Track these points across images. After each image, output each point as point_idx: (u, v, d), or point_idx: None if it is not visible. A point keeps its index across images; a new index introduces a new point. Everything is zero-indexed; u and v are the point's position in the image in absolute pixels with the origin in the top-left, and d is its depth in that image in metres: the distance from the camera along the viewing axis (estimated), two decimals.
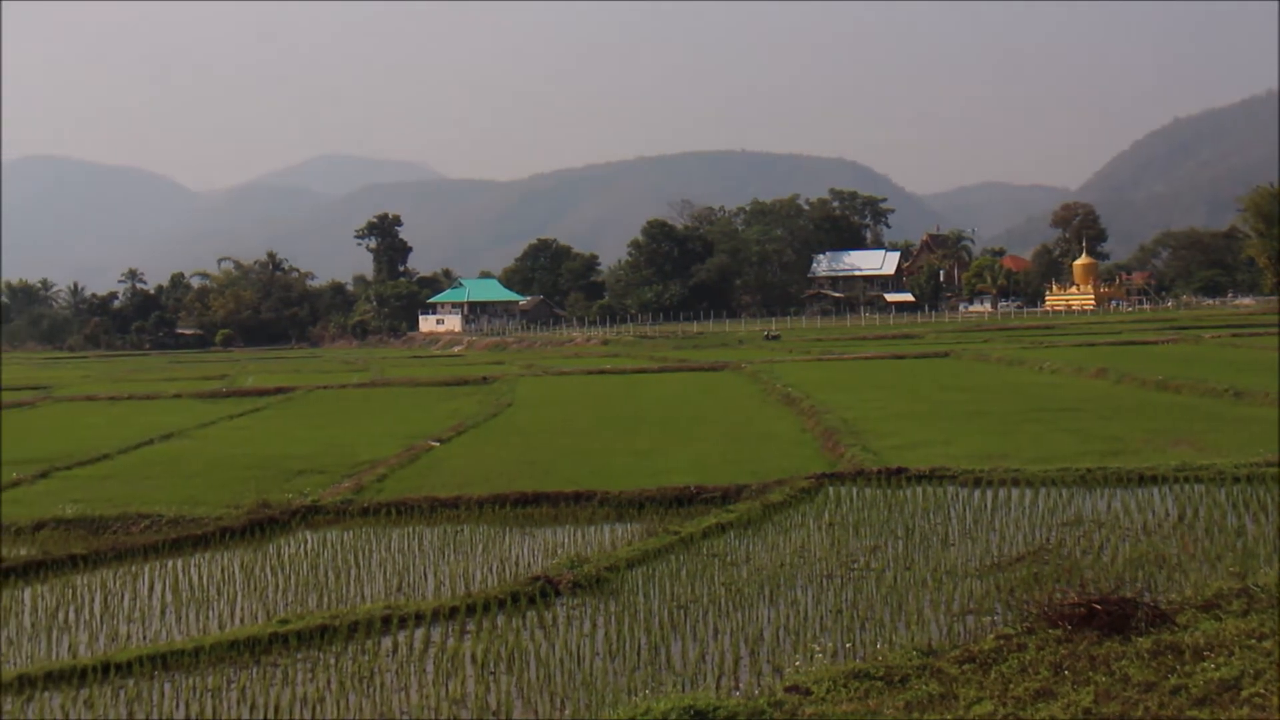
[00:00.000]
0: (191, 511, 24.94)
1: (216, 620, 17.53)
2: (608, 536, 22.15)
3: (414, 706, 13.23)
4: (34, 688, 14.09)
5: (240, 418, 47.15)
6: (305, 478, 29.23)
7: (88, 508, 25.71)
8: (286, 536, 23.40)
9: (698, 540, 20.68)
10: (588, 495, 25.26)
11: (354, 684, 14.00)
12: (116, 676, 14.45)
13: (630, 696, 12.93)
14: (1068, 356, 59.24)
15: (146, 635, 16.85)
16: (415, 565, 20.57)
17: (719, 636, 15.40)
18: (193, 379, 78.66)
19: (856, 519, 22.27)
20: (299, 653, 15.23)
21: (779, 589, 17.50)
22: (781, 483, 25.08)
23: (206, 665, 14.82)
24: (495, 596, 17.11)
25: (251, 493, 26.54)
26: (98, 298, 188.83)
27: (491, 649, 14.97)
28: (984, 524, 21.56)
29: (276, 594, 18.89)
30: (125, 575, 20.50)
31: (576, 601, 17.13)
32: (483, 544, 22.07)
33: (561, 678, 13.98)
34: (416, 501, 25.47)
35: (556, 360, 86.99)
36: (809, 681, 12.68)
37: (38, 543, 23.36)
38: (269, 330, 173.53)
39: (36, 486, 29.75)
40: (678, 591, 17.54)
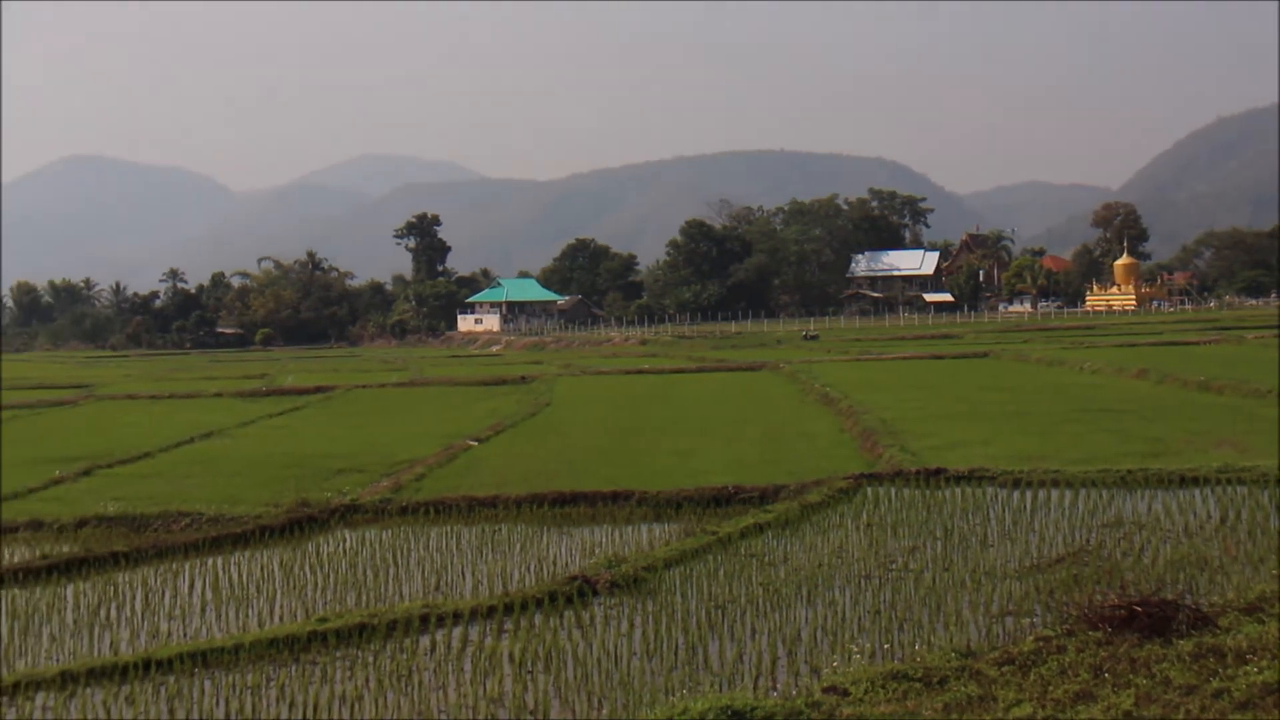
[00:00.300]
0: (231, 510, 25.06)
1: (256, 618, 17.61)
2: (645, 536, 22.14)
3: (452, 705, 13.26)
4: (76, 684, 14.19)
5: (280, 417, 47.36)
6: (344, 477, 29.33)
7: (129, 505, 25.87)
8: (325, 535, 23.49)
9: (735, 540, 20.65)
10: (625, 495, 25.25)
11: (392, 682, 14.04)
12: (157, 673, 14.53)
13: (667, 696, 12.92)
14: (1108, 357, 58.88)
15: (187, 632, 16.94)
16: (453, 564, 20.61)
17: (756, 636, 15.37)
18: (233, 378, 79.07)
19: (895, 520, 22.19)
20: (338, 651, 15.28)
21: (817, 589, 17.46)
22: (819, 483, 25.02)
23: (246, 663, 14.88)
24: (533, 596, 17.13)
25: (291, 491, 26.66)
26: (139, 297, 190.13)
27: (529, 648, 14.98)
28: (1023, 525, 21.45)
29: (315, 592, 18.96)
30: (166, 573, 20.63)
31: (614, 601, 17.13)
32: (520, 543, 22.09)
33: (599, 677, 13.98)
34: (454, 501, 25.52)
35: (594, 360, 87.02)
36: (847, 682, 12.65)
37: (80, 540, 23.52)
38: (308, 329, 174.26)
39: (79, 484, 29.96)
40: (715, 591, 17.52)
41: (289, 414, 48.58)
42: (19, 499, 27.86)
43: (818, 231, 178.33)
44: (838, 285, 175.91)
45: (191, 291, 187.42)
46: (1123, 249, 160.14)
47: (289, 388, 63.97)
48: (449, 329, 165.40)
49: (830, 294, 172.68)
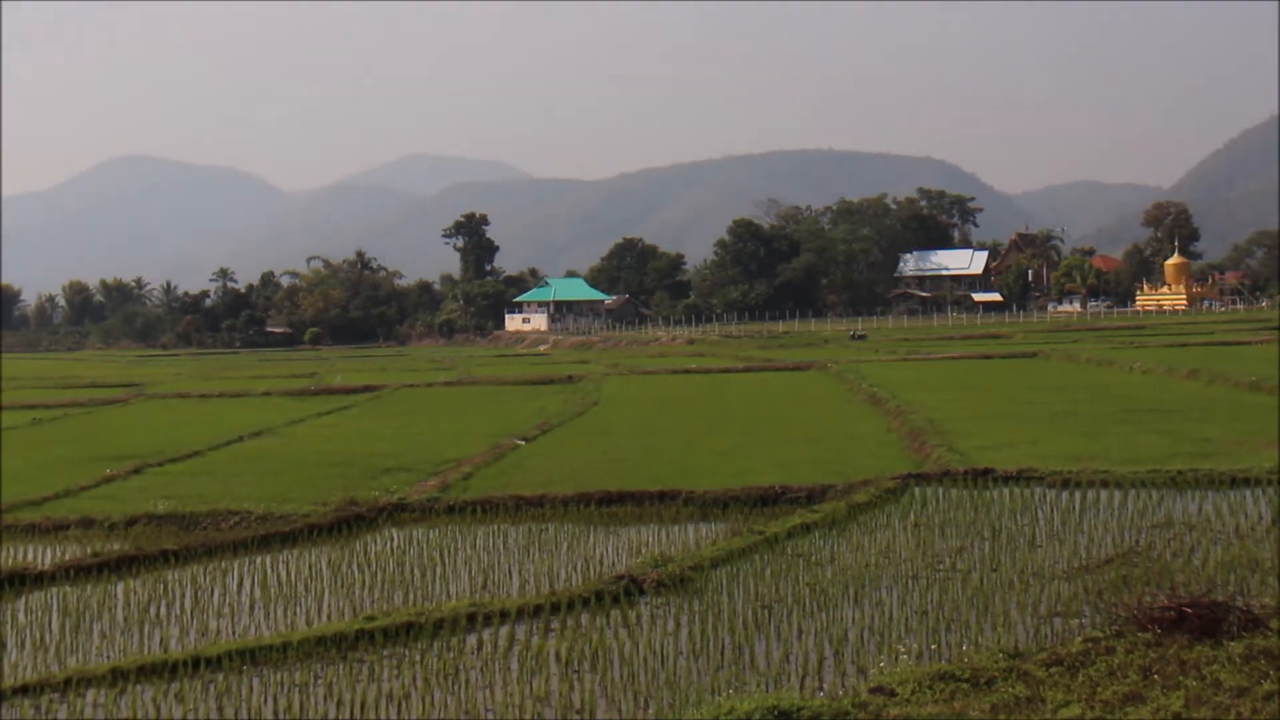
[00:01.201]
0: (280, 508, 25.20)
1: (304, 616, 17.70)
2: (692, 536, 22.13)
3: (498, 704, 13.28)
4: (127, 681, 14.30)
5: (328, 415, 47.61)
6: (392, 475, 29.45)
7: (179, 504, 26.07)
8: (373, 534, 23.60)
9: (782, 540, 20.61)
10: (672, 494, 25.25)
11: (439, 681, 14.08)
12: (206, 671, 14.63)
13: (714, 696, 12.91)
14: (1159, 357, 58.40)
15: (235, 630, 17.05)
16: (500, 563, 20.66)
17: (803, 637, 15.33)
18: (282, 377, 79.55)
19: (942, 520, 22.09)
20: (385, 649, 15.34)
21: (864, 589, 17.40)
22: (867, 483, 24.94)
23: (294, 661, 14.96)
24: (579, 595, 17.14)
25: (339, 490, 26.80)
26: (190, 296, 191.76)
27: (575, 647, 15.00)
28: (1072, 526, 21.31)
29: (363, 591, 19.04)
30: (215, 571, 20.77)
31: (660, 600, 17.12)
32: (567, 542, 22.12)
33: (645, 677, 13.97)
34: (501, 500, 25.58)
35: (642, 359, 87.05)
36: (894, 683, 12.60)
37: (131, 538, 23.71)
38: (357, 329, 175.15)
39: (130, 482, 30.22)
40: (762, 591, 17.49)
41: (337, 413, 48.83)
42: (70, 497, 28.14)
43: (866, 231, 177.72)
44: (885, 285, 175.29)
45: (241, 291, 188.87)
46: (1174, 248, 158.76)
47: (337, 387, 64.31)
48: (496, 328, 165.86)
49: (878, 294, 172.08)
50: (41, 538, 24.12)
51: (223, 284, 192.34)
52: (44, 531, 24.48)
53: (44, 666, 15.57)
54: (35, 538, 24.14)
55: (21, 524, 24.96)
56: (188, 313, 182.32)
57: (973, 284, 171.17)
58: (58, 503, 27.36)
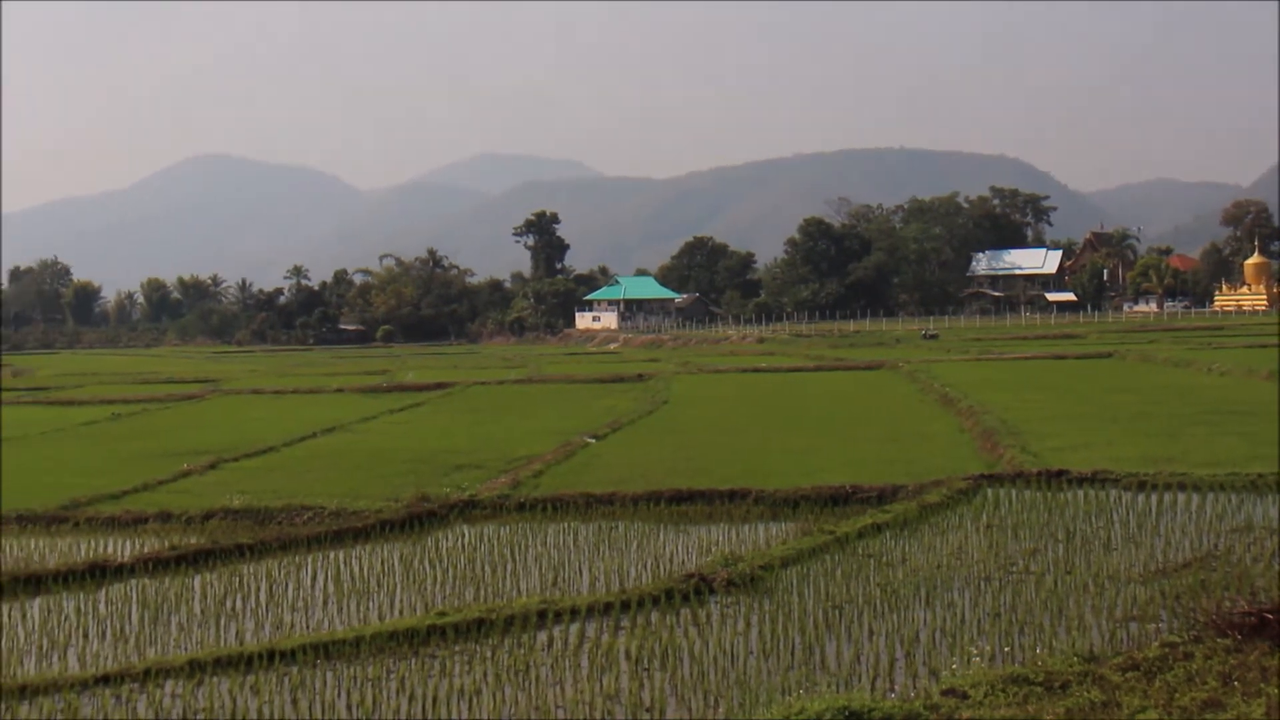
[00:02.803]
0: (353, 504, 25.40)
1: (376, 611, 17.83)
2: (762, 535, 22.09)
3: (568, 701, 13.32)
4: (203, 672, 14.47)
5: (400, 412, 47.93)
6: (463, 472, 29.61)
7: (254, 499, 26.34)
8: (444, 530, 23.73)
9: (853, 540, 20.53)
10: (742, 493, 25.21)
11: (510, 677, 14.14)
12: (281, 664, 14.77)
13: (784, 696, 12.87)
14: (1238, 358, 57.57)
15: (309, 624, 17.21)
16: (570, 560, 20.72)
17: (874, 637, 15.26)
18: (354, 374, 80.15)
19: (1015, 521, 21.92)
20: (456, 645, 15.42)
21: (935, 591, 17.30)
22: (938, 483, 24.79)
23: (367, 655, 15.07)
24: (649, 593, 17.16)
25: (411, 487, 26.97)
26: (264, 293, 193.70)
27: (645, 645, 15.01)
28: (1148, 529, 21.07)
29: (434, 587, 19.15)
30: (289, 565, 20.97)
31: (730, 600, 17.10)
32: (637, 540, 22.15)
33: (715, 676, 13.97)
34: (572, 497, 25.64)
35: (712, 358, 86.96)
36: (966, 685, 12.51)
37: (207, 532, 24.01)
38: (428, 326, 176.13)
39: (206, 477, 30.59)
40: (832, 591, 17.43)
41: (409, 410, 49.15)
42: (149, 491, 28.52)
43: (938, 230, 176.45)
44: (958, 284, 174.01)
45: (315, 288, 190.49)
46: (1253, 248, 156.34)
47: (409, 384, 64.70)
48: (567, 326, 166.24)
49: (950, 293, 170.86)
50: (121, 531, 24.48)
51: (297, 282, 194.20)
52: (123, 525, 24.85)
53: (124, 657, 15.79)
54: (115, 531, 24.50)
55: (102, 517, 25.35)
56: (262, 310, 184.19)
57: (1046, 283, 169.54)
58: (136, 496, 27.76)
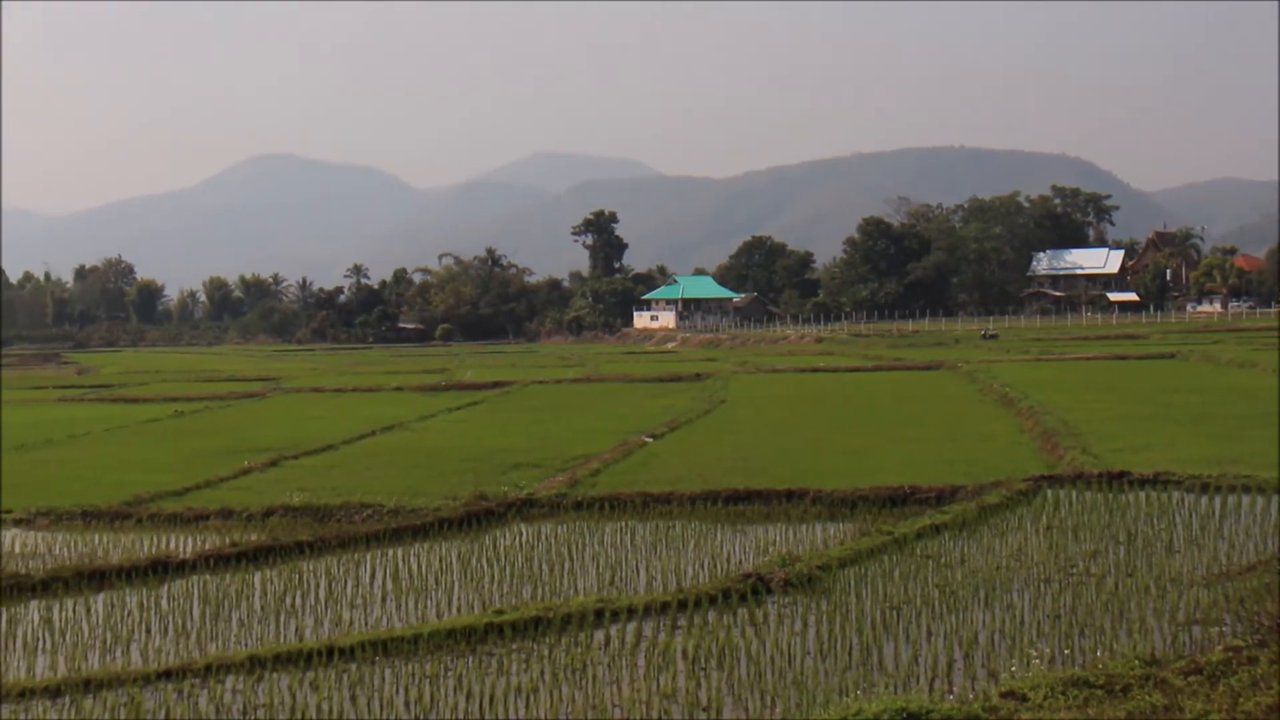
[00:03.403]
0: (411, 502, 25.53)
1: (434, 609, 17.91)
2: (820, 535, 22.03)
3: (625, 700, 13.33)
4: (263, 668, 14.58)
5: (458, 411, 48.14)
6: (521, 471, 29.70)
7: (314, 496, 26.53)
8: (502, 528, 23.80)
9: (911, 541, 20.44)
10: (800, 493, 25.15)
11: (566, 675, 14.17)
12: (340, 660, 14.87)
13: (841, 697, 12.84)
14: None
15: (368, 621, 17.30)
16: (627, 559, 20.73)
17: (932, 639, 15.19)
18: (413, 372, 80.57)
19: (1076, 523, 21.75)
20: (513, 643, 15.47)
21: (994, 592, 17.19)
22: (998, 484, 24.63)
23: (425, 652, 15.15)
24: (706, 592, 17.14)
25: (469, 485, 27.07)
26: (325, 292, 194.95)
27: (702, 645, 15.00)
28: (1211, 531, 20.85)
29: (492, 585, 19.21)
30: (348, 562, 21.10)
31: (788, 600, 17.07)
32: (694, 540, 22.13)
33: (772, 676, 13.94)
34: (629, 496, 25.66)
35: (770, 358, 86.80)
36: (1025, 687, 12.43)
37: (267, 529, 24.18)
38: (487, 325, 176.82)
39: (267, 475, 30.83)
40: (890, 592, 17.35)
41: (467, 408, 49.36)
42: (210, 488, 28.79)
43: (998, 229, 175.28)
44: (1018, 284, 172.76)
45: (374, 287, 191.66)
46: None
47: (468, 382, 65.00)
48: (625, 325, 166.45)
49: (1010, 293, 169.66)
50: (183, 527, 24.71)
51: (356, 280, 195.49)
52: (185, 521, 25.08)
53: (185, 652, 15.94)
54: (177, 527, 24.74)
55: (164, 513, 25.59)
56: (322, 308, 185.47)
57: (1108, 283, 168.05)
58: (198, 493, 28.03)
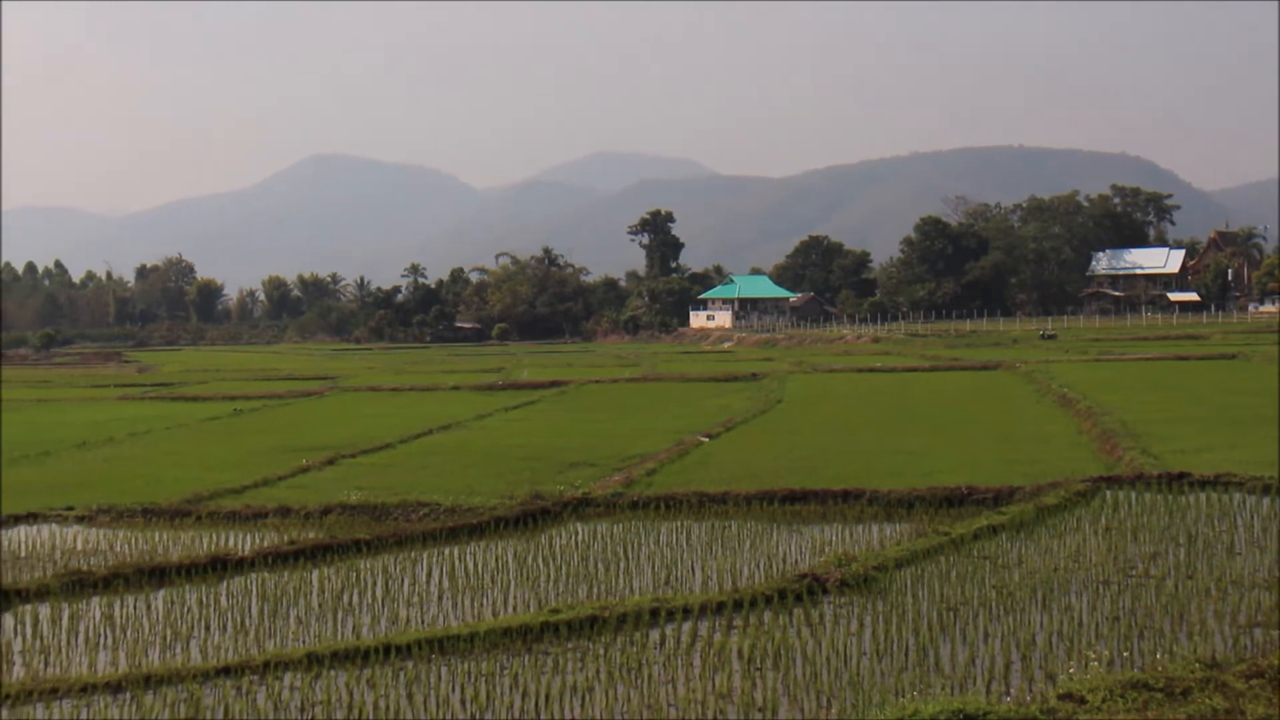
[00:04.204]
0: (468, 501, 25.63)
1: (490, 607, 17.96)
2: (876, 535, 21.94)
3: (680, 700, 13.32)
4: (321, 665, 14.68)
5: (515, 410, 48.30)
6: (577, 470, 29.76)
7: (371, 495, 26.69)
8: (558, 528, 23.84)
9: (968, 542, 20.32)
10: (856, 493, 25.06)
11: (622, 675, 14.18)
12: (396, 658, 14.94)
13: (898, 697, 12.78)
14: None
15: (424, 619, 17.36)
16: (683, 559, 20.72)
17: (989, 640, 15.09)
18: (470, 371, 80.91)
19: (1135, 524, 21.55)
20: (569, 642, 15.49)
21: (1052, 594, 17.06)
22: (1056, 485, 24.45)
23: (481, 651, 15.19)
24: (762, 592, 17.11)
25: (525, 484, 27.16)
26: (382, 291, 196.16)
27: (758, 645, 14.98)
28: (1273, 533, 20.59)
29: (548, 584, 19.25)
30: (405, 561, 21.19)
31: (844, 600, 17.01)
32: (750, 540, 22.10)
33: (828, 676, 13.90)
34: (685, 496, 25.64)
35: (826, 357, 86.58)
36: (1084, 690, 12.32)
37: (325, 527, 24.34)
38: (543, 325, 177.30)
39: (324, 473, 31.06)
40: (947, 593, 17.26)
41: (524, 408, 49.52)
42: (268, 486, 29.04)
43: (1057, 229, 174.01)
44: (1077, 284, 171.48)
45: (431, 286, 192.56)
46: None
47: (524, 382, 65.21)
48: (681, 325, 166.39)
49: (1069, 293, 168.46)
50: (242, 525, 24.92)
51: (413, 279, 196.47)
52: (244, 519, 25.29)
53: (244, 649, 16.07)
54: (236, 525, 24.95)
55: (223, 511, 25.82)
56: (380, 307, 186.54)
57: (1169, 283, 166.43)
58: (256, 491, 28.27)
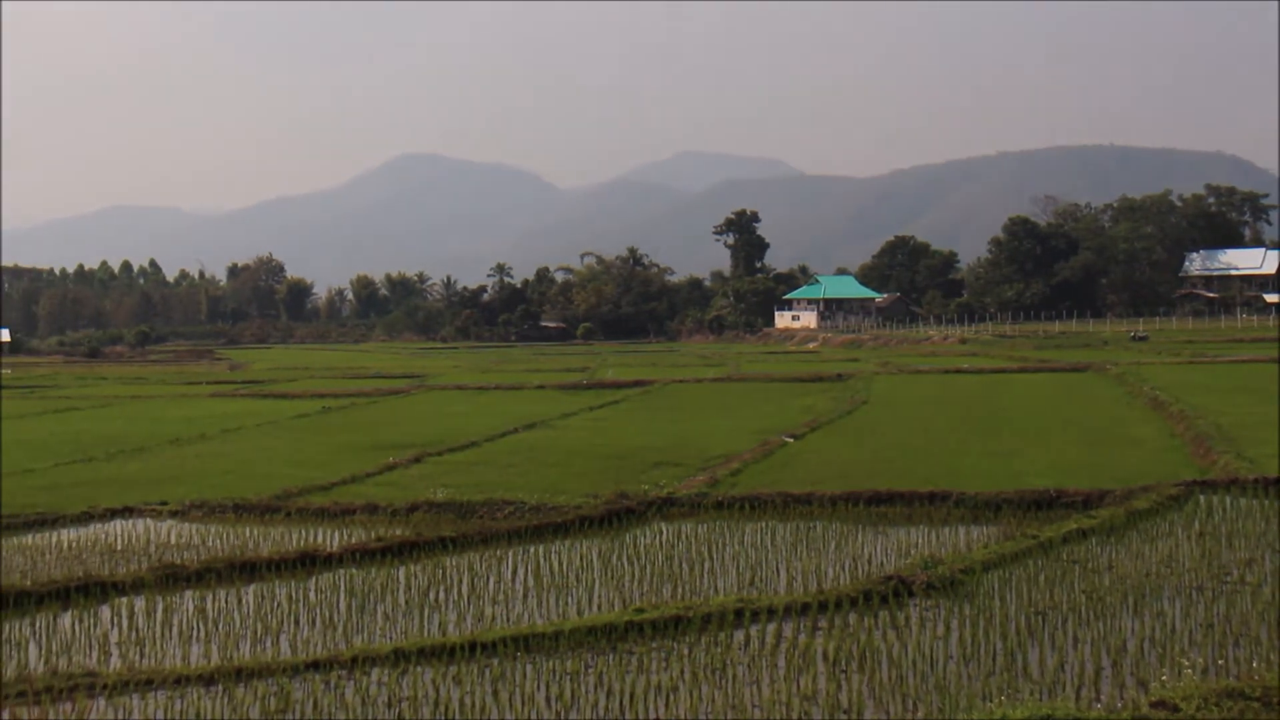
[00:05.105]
0: (552, 499, 25.72)
1: (575, 606, 17.99)
2: (962, 538, 21.74)
3: (765, 701, 13.27)
4: (408, 661, 14.78)
5: (599, 409, 48.40)
6: (661, 470, 29.77)
7: (457, 492, 26.85)
8: (642, 527, 23.85)
9: (1057, 545, 20.08)
10: (942, 495, 24.86)
11: (706, 675, 14.14)
12: (482, 655, 14.99)
13: (985, 702, 12.65)
14: None
15: (510, 617, 17.43)
16: (767, 560, 20.66)
17: (1078, 645, 14.90)
18: (555, 371, 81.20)
19: (1230, 529, 21.19)
20: (653, 642, 15.48)
21: (1143, 599, 16.81)
22: (1147, 489, 24.11)
23: (565, 649, 15.22)
24: (847, 594, 17.01)
25: (609, 483, 27.20)
26: (468, 290, 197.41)
27: (843, 647, 14.89)
28: None
29: (632, 583, 19.26)
30: (490, 559, 21.29)
31: (930, 603, 16.87)
32: (835, 541, 21.99)
33: (914, 679, 13.79)
34: (769, 496, 25.57)
35: (912, 358, 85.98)
36: (1177, 698, 12.12)
37: (411, 524, 24.52)
38: (628, 324, 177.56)
39: (411, 470, 31.29)
40: (1035, 597, 17.06)
41: (608, 407, 49.61)
42: (356, 483, 29.32)
43: (1149, 229, 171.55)
44: (1169, 285, 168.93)
45: (517, 286, 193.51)
46: None
47: (608, 381, 65.33)
48: (766, 325, 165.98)
49: (1161, 294, 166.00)
50: (330, 521, 25.17)
51: (500, 279, 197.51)
52: (332, 515, 25.54)
53: (332, 644, 16.21)
54: (324, 521, 25.20)
55: (312, 507, 26.11)
56: (466, 307, 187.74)
57: (1264, 284, 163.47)
58: (345, 488, 28.56)
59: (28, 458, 35.56)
